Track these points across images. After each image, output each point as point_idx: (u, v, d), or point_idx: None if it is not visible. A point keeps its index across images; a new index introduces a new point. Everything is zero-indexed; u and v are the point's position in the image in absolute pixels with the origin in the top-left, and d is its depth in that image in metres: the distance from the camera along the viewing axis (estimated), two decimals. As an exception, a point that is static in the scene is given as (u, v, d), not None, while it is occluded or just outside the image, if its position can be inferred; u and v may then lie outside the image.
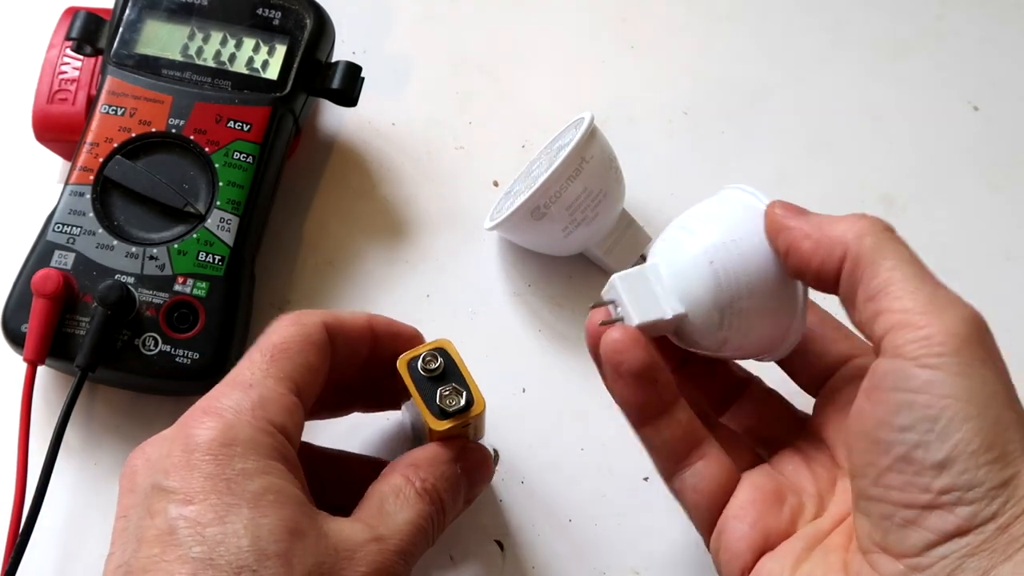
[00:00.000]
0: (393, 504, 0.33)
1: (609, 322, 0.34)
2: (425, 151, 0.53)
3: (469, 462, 0.37)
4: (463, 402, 0.36)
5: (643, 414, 0.35)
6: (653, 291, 0.34)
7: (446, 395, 0.36)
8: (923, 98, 0.56)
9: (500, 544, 0.43)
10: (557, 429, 0.46)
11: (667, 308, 0.33)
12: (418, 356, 0.36)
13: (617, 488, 0.44)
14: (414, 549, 0.33)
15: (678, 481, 0.35)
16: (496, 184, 0.52)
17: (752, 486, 0.34)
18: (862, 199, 0.52)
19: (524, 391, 0.47)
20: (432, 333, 0.47)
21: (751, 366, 0.39)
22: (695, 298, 0.33)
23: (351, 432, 0.44)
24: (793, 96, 0.55)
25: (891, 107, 0.55)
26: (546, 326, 0.48)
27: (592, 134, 0.45)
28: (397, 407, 0.42)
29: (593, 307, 0.35)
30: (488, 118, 0.54)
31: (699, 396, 0.38)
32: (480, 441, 0.40)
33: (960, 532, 0.26)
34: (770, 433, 0.38)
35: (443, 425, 0.35)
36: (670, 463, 0.35)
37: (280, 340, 0.34)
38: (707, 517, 0.35)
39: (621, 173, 0.47)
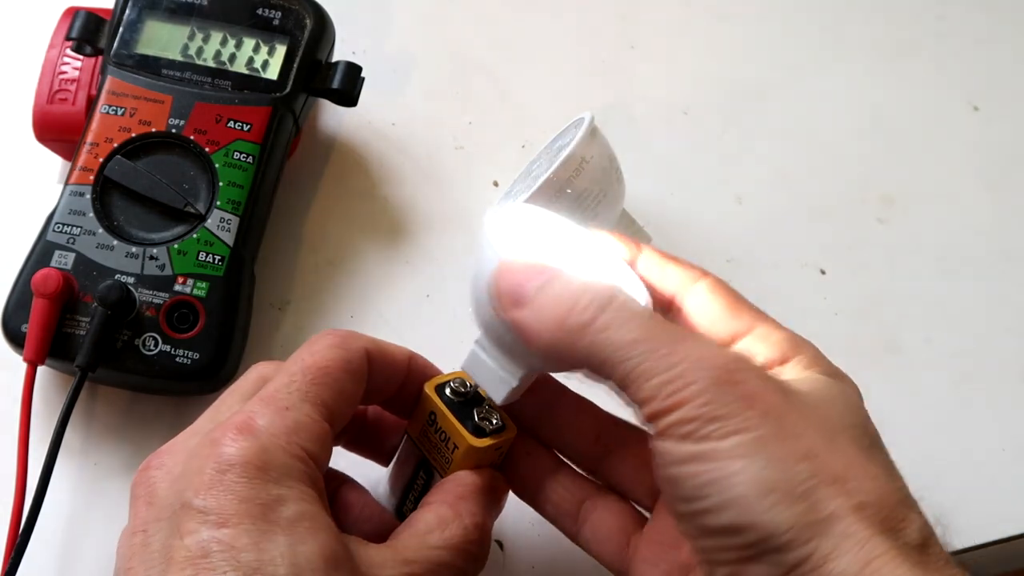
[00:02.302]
0: (438, 537, 0.32)
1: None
2: (425, 151, 0.53)
3: (502, 491, 0.36)
4: (499, 423, 0.35)
5: (527, 488, 0.37)
6: (492, 367, 0.34)
7: (483, 416, 0.35)
8: (923, 98, 0.56)
9: (500, 544, 0.43)
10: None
11: (511, 378, 0.34)
12: (447, 381, 0.36)
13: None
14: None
15: (581, 539, 0.37)
16: (496, 184, 0.52)
17: (656, 524, 0.35)
18: (862, 199, 0.52)
19: (524, 391, 0.47)
20: (432, 333, 0.47)
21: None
22: (521, 360, 0.33)
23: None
24: (793, 96, 0.55)
25: (891, 107, 0.55)
26: (546, 326, 0.48)
27: (592, 134, 0.44)
28: (383, 459, 0.40)
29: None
30: (488, 118, 0.54)
31: (577, 435, 0.38)
32: None
33: None
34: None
35: (484, 443, 0.35)
36: (568, 524, 0.37)
37: (322, 362, 0.33)
38: (617, 564, 0.36)
39: (621, 173, 0.47)
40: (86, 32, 0.46)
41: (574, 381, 0.36)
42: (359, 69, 0.48)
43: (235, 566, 0.27)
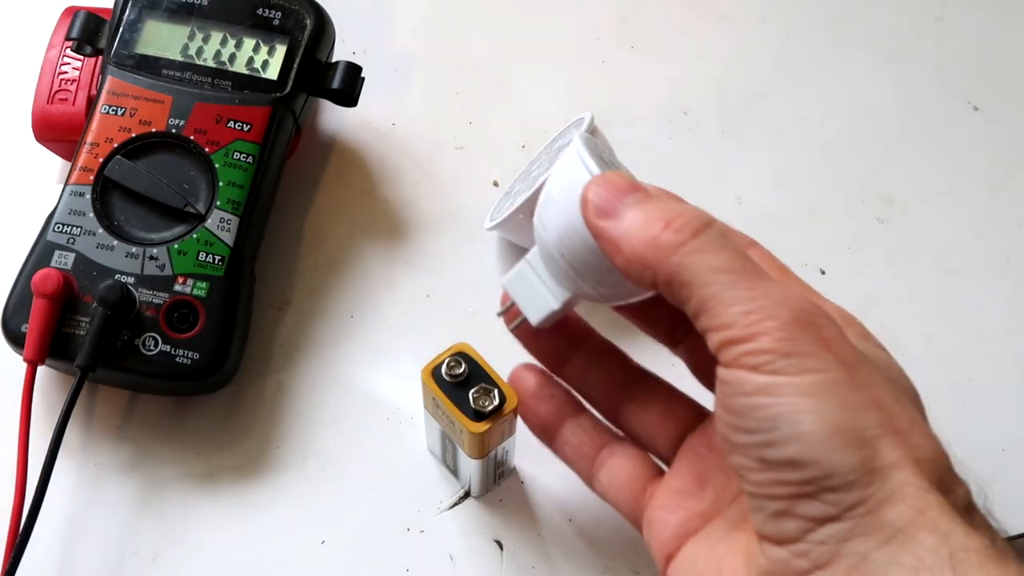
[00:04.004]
0: None
1: (516, 325, 0.36)
2: (425, 151, 0.53)
3: None
4: (496, 401, 0.36)
5: (547, 429, 0.38)
6: (537, 287, 0.34)
7: (478, 397, 0.36)
8: (923, 98, 0.56)
9: (500, 544, 0.43)
10: (557, 429, 0.46)
11: (553, 300, 0.34)
12: (441, 364, 0.36)
13: (617, 488, 0.44)
14: None
15: (596, 484, 0.37)
16: (496, 184, 0.52)
17: (675, 472, 0.35)
18: (862, 199, 0.52)
19: (524, 391, 0.47)
20: (432, 333, 0.47)
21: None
22: (570, 282, 0.33)
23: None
24: (793, 96, 0.55)
25: (891, 107, 0.55)
26: (546, 326, 0.48)
27: (592, 134, 0.45)
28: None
29: (500, 315, 0.37)
30: (488, 118, 0.54)
31: (601, 380, 0.38)
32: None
33: (831, 518, 0.27)
34: (687, 415, 0.37)
35: (482, 427, 0.36)
36: (584, 469, 0.37)
37: None
38: (633, 510, 0.36)
39: (621, 173, 0.47)
40: (86, 32, 0.47)
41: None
42: (359, 69, 0.48)
43: None
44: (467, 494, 0.44)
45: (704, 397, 0.36)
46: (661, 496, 0.35)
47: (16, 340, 0.42)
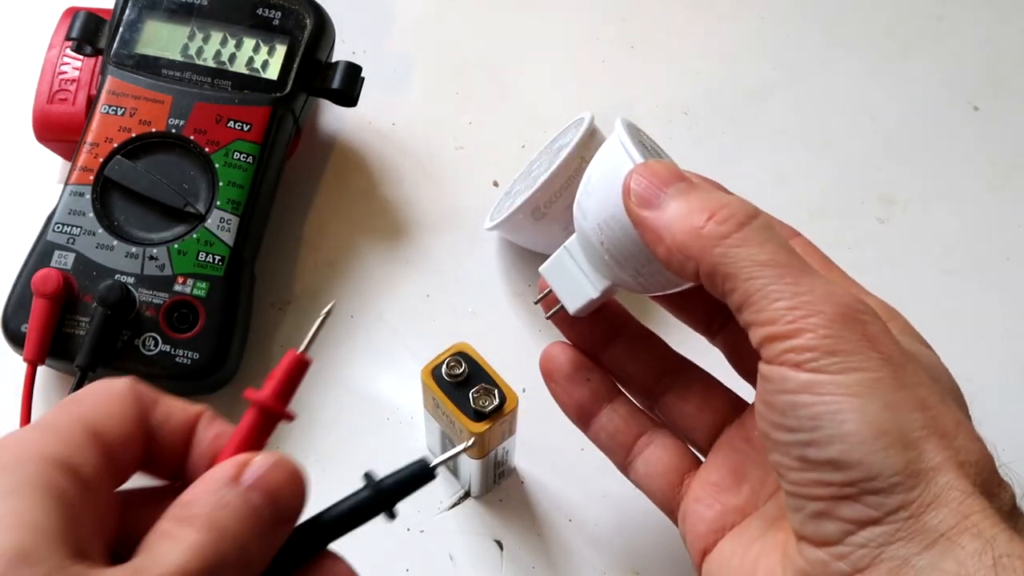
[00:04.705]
0: (161, 547, 0.24)
1: (553, 313, 0.35)
2: (425, 151, 0.53)
3: (257, 476, 0.27)
4: (497, 401, 0.36)
5: (583, 413, 0.37)
6: (575, 275, 0.34)
7: (478, 397, 0.36)
8: (923, 98, 0.56)
9: (500, 544, 0.43)
10: (557, 429, 0.46)
11: (592, 289, 0.34)
12: (441, 364, 0.36)
13: (617, 488, 0.44)
14: None
15: (632, 472, 0.36)
16: (496, 184, 0.52)
17: (712, 465, 0.34)
18: (862, 199, 0.52)
19: (524, 391, 0.46)
20: (432, 333, 0.47)
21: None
22: (608, 271, 0.33)
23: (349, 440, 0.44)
24: (793, 96, 0.55)
25: (891, 107, 0.55)
26: (546, 326, 0.48)
27: (592, 134, 0.45)
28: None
29: (537, 302, 0.36)
30: (488, 118, 0.54)
31: (640, 368, 0.37)
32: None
33: (873, 521, 0.26)
34: (725, 407, 0.37)
35: (482, 427, 0.36)
36: (620, 456, 0.36)
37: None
38: (668, 501, 0.35)
39: (621, 173, 0.47)
40: (86, 32, 0.47)
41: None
42: (359, 69, 0.48)
43: None
44: (467, 494, 0.44)
45: (742, 388, 0.36)
46: (697, 489, 0.34)
47: (16, 340, 0.42)
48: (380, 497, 0.28)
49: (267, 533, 0.26)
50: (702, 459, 0.36)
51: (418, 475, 0.29)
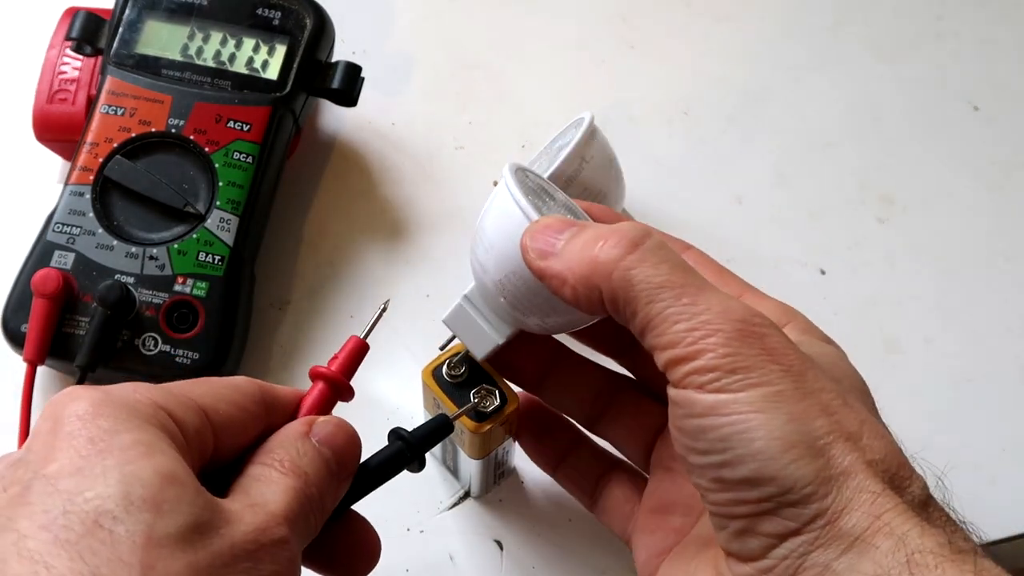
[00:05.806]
0: (258, 488, 0.28)
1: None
2: (425, 151, 0.53)
3: (324, 434, 0.31)
4: (498, 401, 0.36)
5: (549, 466, 0.39)
6: (479, 323, 0.35)
7: (480, 398, 0.36)
8: (923, 98, 0.56)
9: (500, 544, 0.43)
10: (557, 429, 0.46)
11: (496, 335, 0.35)
12: (441, 364, 0.36)
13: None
14: (296, 518, 0.28)
15: (598, 512, 0.38)
16: (496, 184, 0.52)
17: (649, 489, 0.35)
18: (862, 199, 0.52)
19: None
20: (432, 333, 0.47)
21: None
22: (512, 319, 0.34)
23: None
24: (793, 96, 0.55)
25: (891, 107, 0.55)
26: (546, 326, 0.48)
27: (592, 134, 0.45)
28: None
29: (442, 348, 0.37)
30: (488, 118, 0.54)
31: (576, 398, 0.38)
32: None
33: (793, 532, 0.26)
34: (654, 423, 0.37)
35: (483, 428, 0.36)
36: (586, 500, 0.39)
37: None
38: (624, 533, 0.37)
39: (621, 173, 0.47)
40: (86, 32, 0.46)
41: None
42: (359, 69, 0.48)
43: (51, 493, 0.25)
44: (467, 494, 0.44)
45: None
46: (640, 517, 0.35)
47: (16, 340, 0.42)
48: (411, 446, 0.32)
49: (335, 484, 0.31)
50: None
51: (441, 427, 0.33)
